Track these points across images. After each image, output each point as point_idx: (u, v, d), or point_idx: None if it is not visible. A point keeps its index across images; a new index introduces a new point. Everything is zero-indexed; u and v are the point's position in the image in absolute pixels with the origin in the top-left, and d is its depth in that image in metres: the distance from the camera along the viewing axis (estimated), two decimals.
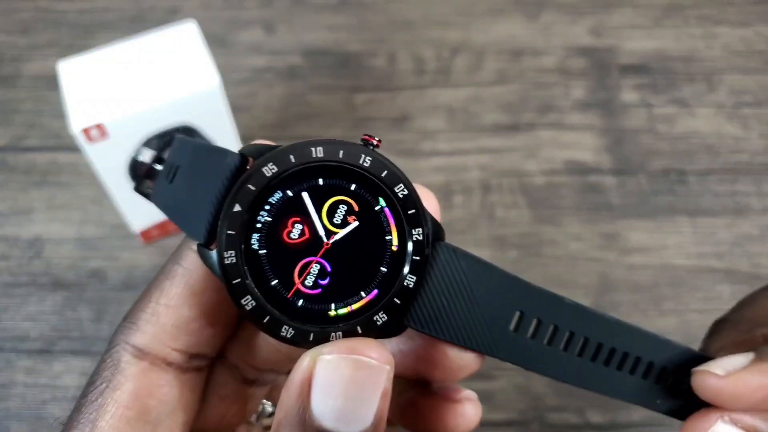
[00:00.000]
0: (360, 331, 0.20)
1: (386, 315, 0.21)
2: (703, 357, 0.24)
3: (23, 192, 0.52)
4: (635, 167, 0.51)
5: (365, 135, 0.21)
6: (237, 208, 0.20)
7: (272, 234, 0.20)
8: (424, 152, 0.53)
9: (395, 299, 0.21)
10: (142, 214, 0.47)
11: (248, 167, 0.21)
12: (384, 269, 0.21)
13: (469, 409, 0.24)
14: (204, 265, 0.21)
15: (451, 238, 0.22)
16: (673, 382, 0.24)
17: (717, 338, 0.25)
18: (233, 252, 0.20)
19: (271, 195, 0.21)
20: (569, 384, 0.23)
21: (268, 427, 0.27)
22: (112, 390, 0.21)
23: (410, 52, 0.59)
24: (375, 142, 0.21)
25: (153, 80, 0.42)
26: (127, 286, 0.47)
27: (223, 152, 0.21)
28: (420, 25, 0.61)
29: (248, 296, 0.20)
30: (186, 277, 0.22)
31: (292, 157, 0.20)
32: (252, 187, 0.20)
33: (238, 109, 0.47)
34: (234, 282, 0.20)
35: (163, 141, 0.44)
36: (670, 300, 0.45)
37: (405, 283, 0.21)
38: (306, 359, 0.19)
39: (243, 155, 0.21)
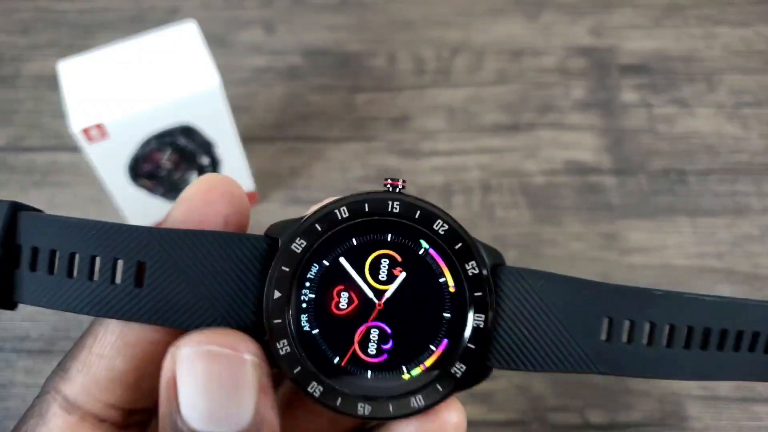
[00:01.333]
0: (441, 390, 0.19)
1: (464, 364, 0.19)
2: None
3: (23, 192, 0.52)
4: (635, 167, 0.51)
5: (387, 179, 0.20)
6: (277, 294, 0.19)
7: (320, 310, 0.19)
8: (424, 152, 0.53)
9: (469, 345, 0.19)
10: (142, 214, 0.47)
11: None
12: (447, 315, 0.19)
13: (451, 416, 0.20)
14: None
15: None
16: None
17: None
18: (285, 341, 0.19)
19: (308, 270, 0.19)
20: (688, 380, 0.21)
21: None
22: None
23: (410, 52, 0.59)
24: (400, 185, 0.20)
25: (153, 80, 0.42)
26: None
27: (237, 239, 0.19)
28: (420, 25, 0.61)
29: (313, 382, 0.19)
30: (121, 325, 0.20)
31: (317, 226, 0.19)
32: (286, 269, 0.19)
33: (238, 109, 0.47)
34: (295, 372, 0.19)
35: (163, 141, 0.44)
36: None
37: (474, 325, 0.19)
38: (168, 358, 0.17)
39: (269, 237, 0.20)
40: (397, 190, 0.20)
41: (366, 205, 0.20)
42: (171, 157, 0.45)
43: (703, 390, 0.42)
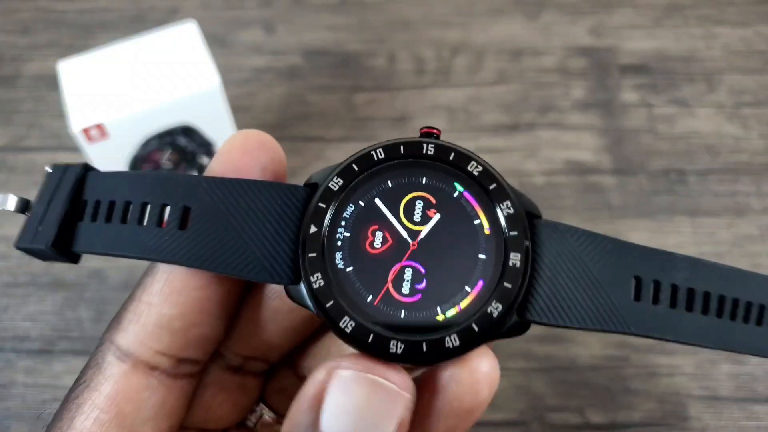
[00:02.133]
0: (477, 329, 0.18)
1: (501, 304, 0.18)
2: None
3: (23, 192, 0.52)
4: (635, 167, 0.51)
5: (425, 128, 0.21)
6: (313, 229, 0.19)
7: (355, 248, 0.19)
8: None
9: (505, 284, 0.19)
10: None
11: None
12: (483, 256, 0.19)
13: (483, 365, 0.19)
14: (291, 302, 0.19)
15: None
16: None
17: None
18: (319, 275, 0.19)
19: (344, 209, 0.20)
20: (704, 347, 0.21)
21: None
22: (91, 390, 0.20)
23: (410, 52, 0.59)
24: (436, 133, 0.21)
25: (153, 80, 0.42)
26: (127, 286, 0.47)
27: (278, 188, 0.20)
28: (420, 25, 0.61)
29: (345, 317, 0.18)
30: (167, 272, 0.21)
31: (354, 166, 0.20)
32: (323, 205, 0.19)
33: (238, 109, 0.47)
34: (327, 305, 0.19)
35: (163, 141, 0.44)
36: None
37: (510, 263, 0.19)
38: (321, 372, 0.18)
39: (310, 185, 0.20)
40: (434, 137, 0.21)
41: (402, 147, 0.20)
42: (171, 157, 0.45)
43: (703, 390, 0.42)
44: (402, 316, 0.19)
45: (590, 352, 0.43)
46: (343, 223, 0.20)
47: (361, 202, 0.20)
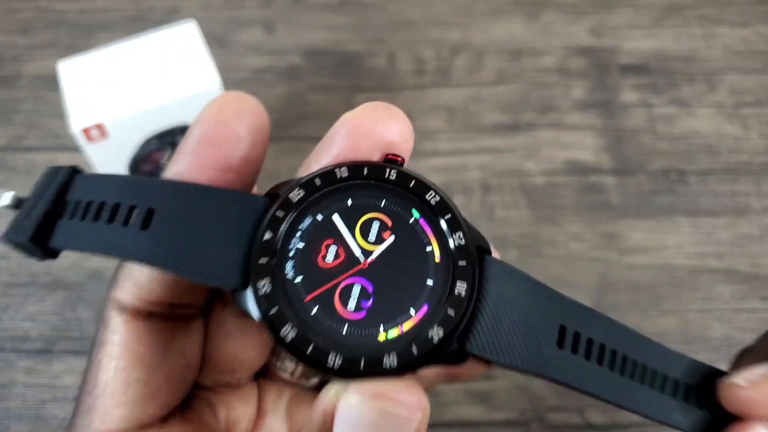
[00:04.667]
0: (416, 352, 0.19)
1: (442, 329, 0.19)
2: (724, 372, 0.24)
3: (23, 192, 0.52)
4: (635, 167, 0.51)
5: (389, 154, 0.21)
6: (268, 235, 0.19)
7: (307, 260, 0.20)
8: (424, 152, 0.53)
9: (449, 311, 0.19)
10: None
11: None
12: (430, 282, 0.20)
13: None
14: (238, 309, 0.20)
15: None
16: (697, 399, 0.23)
17: (741, 367, 0.25)
18: (267, 280, 0.19)
19: (301, 221, 0.20)
20: (608, 401, 0.22)
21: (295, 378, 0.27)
22: (104, 345, 0.22)
23: (410, 52, 0.59)
24: (400, 161, 0.21)
25: (153, 80, 0.42)
26: None
27: (238, 196, 0.20)
28: (420, 25, 0.61)
29: (287, 324, 0.19)
30: None
31: (317, 180, 0.20)
32: (281, 214, 0.20)
33: None
34: (271, 312, 0.19)
35: (163, 141, 0.44)
36: (669, 300, 0.45)
37: (455, 292, 0.19)
38: (330, 392, 0.18)
39: (271, 195, 0.20)
40: (396, 164, 0.21)
41: (365, 169, 0.20)
42: (171, 157, 0.45)
43: None
44: (344, 331, 0.19)
45: None
46: (298, 233, 0.20)
47: (319, 216, 0.20)
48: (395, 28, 0.61)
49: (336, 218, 0.20)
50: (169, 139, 0.44)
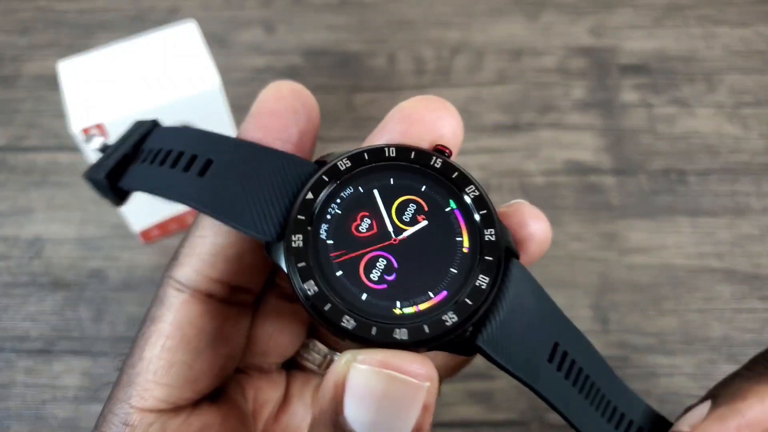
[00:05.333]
0: (427, 331, 0.19)
1: (456, 315, 0.19)
2: (670, 423, 0.26)
3: (23, 192, 0.52)
4: (635, 167, 0.51)
5: (439, 145, 0.22)
6: (309, 195, 0.20)
7: (341, 226, 0.20)
8: None
9: (467, 299, 0.19)
10: (142, 214, 0.47)
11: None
12: (454, 270, 0.20)
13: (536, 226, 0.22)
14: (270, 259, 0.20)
15: None
16: None
17: (726, 391, 0.26)
18: (301, 236, 0.20)
19: (343, 189, 0.21)
20: (570, 423, 0.23)
21: (322, 366, 0.27)
22: (156, 322, 0.22)
23: (410, 52, 0.59)
24: (448, 152, 0.22)
25: (153, 80, 0.42)
26: (127, 286, 0.47)
27: (289, 159, 0.21)
28: (420, 25, 0.61)
29: (311, 281, 0.19)
30: None
31: (366, 155, 0.21)
32: (326, 178, 0.20)
33: (238, 109, 0.47)
34: (299, 265, 0.19)
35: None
36: (669, 300, 0.45)
37: (477, 284, 0.20)
38: (341, 362, 0.19)
39: (319, 162, 0.21)
40: (445, 155, 0.22)
41: (413, 153, 0.21)
42: None
43: (703, 390, 0.41)
44: (363, 298, 0.20)
45: None
46: (338, 200, 0.21)
47: (360, 188, 0.21)
48: (395, 28, 0.61)
49: (376, 193, 0.21)
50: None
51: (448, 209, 0.21)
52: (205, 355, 0.22)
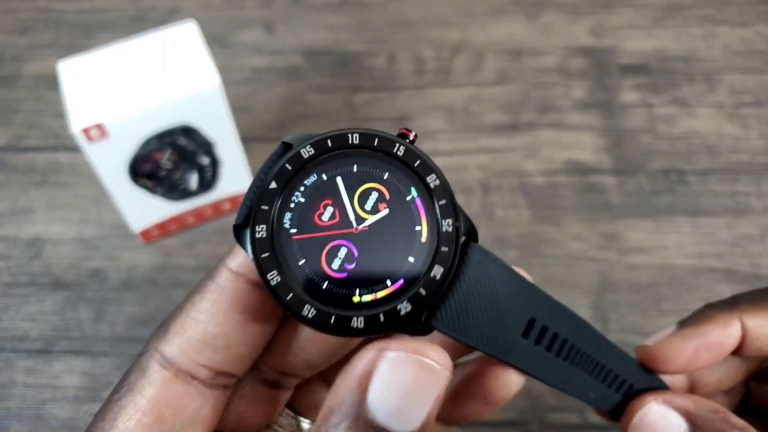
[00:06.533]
0: (383, 320, 0.20)
1: (410, 305, 0.20)
2: (663, 385, 0.27)
3: (23, 192, 0.52)
4: (635, 167, 0.51)
5: (403, 129, 0.22)
6: (273, 185, 0.20)
7: (304, 214, 0.21)
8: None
9: (421, 289, 0.20)
10: (142, 214, 0.47)
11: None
12: (411, 259, 0.21)
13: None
14: (234, 281, 0.21)
15: None
16: (633, 394, 0.26)
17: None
18: (264, 227, 0.20)
19: (307, 177, 0.21)
20: (563, 391, 0.24)
21: None
22: (134, 394, 0.22)
23: (410, 52, 0.59)
24: (411, 137, 0.22)
25: (153, 80, 0.42)
26: (127, 286, 0.47)
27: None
28: (420, 25, 0.61)
29: (274, 271, 0.20)
30: (216, 293, 0.22)
31: (329, 141, 0.21)
32: (289, 167, 0.21)
33: (238, 109, 0.47)
34: (263, 256, 0.20)
35: (163, 141, 0.44)
36: (669, 300, 0.45)
37: (431, 274, 0.20)
38: (370, 352, 0.20)
39: (286, 143, 0.21)
40: (408, 140, 0.22)
41: (376, 139, 0.21)
42: (171, 157, 0.45)
43: None
44: (323, 287, 0.20)
45: None
46: (302, 188, 0.21)
47: (324, 176, 0.21)
48: (395, 28, 0.61)
49: (339, 181, 0.21)
50: (169, 139, 0.44)
51: (409, 198, 0.21)
52: None
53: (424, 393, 0.19)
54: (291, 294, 0.20)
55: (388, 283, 0.20)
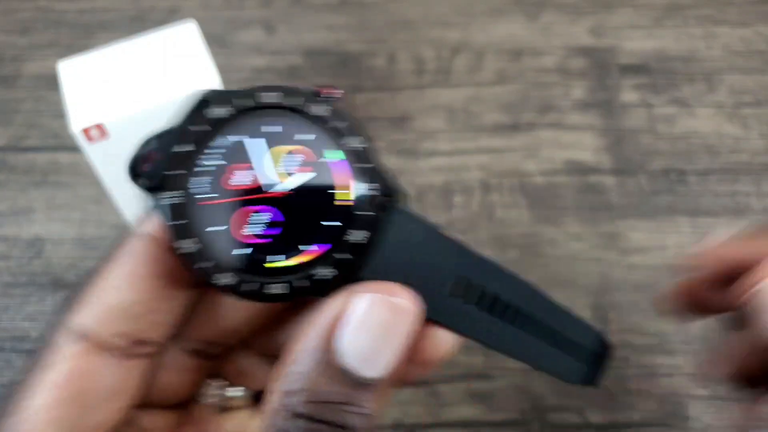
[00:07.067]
0: (305, 285, 0.20)
1: (334, 268, 0.20)
2: (609, 345, 0.27)
3: (23, 192, 0.52)
4: (635, 167, 0.51)
5: (328, 87, 0.21)
6: (189, 147, 0.20)
7: (220, 179, 0.20)
8: (424, 152, 0.53)
9: (345, 253, 0.20)
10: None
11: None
12: (335, 223, 0.20)
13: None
14: (146, 248, 0.20)
15: None
16: (587, 358, 0.26)
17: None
18: (178, 192, 0.19)
19: (225, 139, 0.20)
20: (497, 351, 0.23)
21: (226, 409, 0.26)
22: (47, 370, 0.21)
23: (410, 52, 0.59)
24: (338, 95, 0.21)
25: (153, 80, 0.42)
26: None
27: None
28: (420, 25, 0.61)
29: (188, 239, 0.19)
30: (130, 259, 0.21)
31: (252, 100, 0.20)
32: (206, 128, 0.20)
33: None
34: (176, 222, 0.19)
35: (163, 141, 0.44)
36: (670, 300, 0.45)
37: (354, 237, 0.20)
38: (341, 297, 0.19)
39: (204, 100, 0.20)
40: (333, 100, 0.21)
41: (302, 98, 0.20)
42: None
43: (703, 390, 0.42)
44: (240, 253, 0.19)
45: None
46: (220, 151, 0.20)
47: (243, 137, 0.20)
48: (395, 28, 0.61)
49: (258, 143, 0.20)
50: None
51: (333, 160, 0.20)
52: (99, 410, 0.21)
53: (395, 335, 0.19)
54: (206, 262, 0.19)
55: (308, 248, 0.20)
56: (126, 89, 0.42)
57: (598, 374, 0.27)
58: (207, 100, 0.20)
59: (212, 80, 0.42)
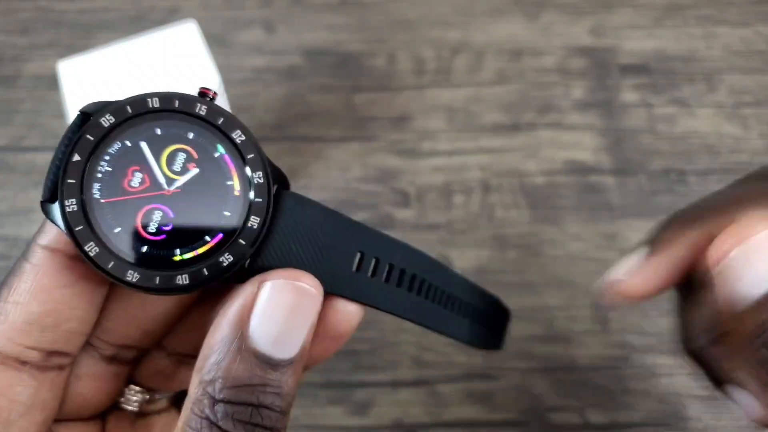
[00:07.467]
0: (206, 273, 0.21)
1: (232, 256, 0.21)
2: (506, 310, 0.30)
3: (23, 192, 0.52)
4: (635, 167, 0.51)
5: (202, 88, 0.22)
6: (76, 157, 0.21)
7: (114, 183, 0.21)
8: (424, 152, 0.53)
9: (240, 240, 0.21)
10: None
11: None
12: (227, 213, 0.21)
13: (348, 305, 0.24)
14: (51, 262, 0.21)
15: (451, 238, 0.21)
16: (486, 321, 0.28)
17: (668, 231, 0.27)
18: (74, 200, 0.20)
19: (111, 146, 0.21)
20: (406, 320, 0.25)
21: (147, 413, 0.27)
22: None
23: (410, 52, 0.59)
24: (211, 95, 0.22)
25: (153, 80, 0.42)
26: None
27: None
28: (420, 25, 0.61)
29: (91, 242, 0.20)
30: (34, 273, 0.21)
31: (129, 108, 0.21)
32: (90, 137, 0.21)
33: (238, 109, 0.47)
34: (77, 229, 0.20)
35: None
36: (669, 300, 0.45)
37: (248, 224, 0.21)
38: (250, 285, 0.20)
39: (84, 113, 0.21)
40: (208, 98, 0.22)
41: (177, 101, 0.22)
42: None
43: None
44: (143, 251, 0.21)
45: (590, 352, 0.43)
46: (107, 158, 0.21)
47: (127, 142, 0.21)
48: (395, 28, 0.61)
49: (144, 146, 0.21)
50: None
51: (217, 155, 0.22)
52: (16, 426, 0.21)
53: (302, 317, 0.20)
54: (112, 262, 0.20)
55: (207, 238, 0.21)
56: (126, 89, 0.42)
57: (500, 338, 0.29)
58: (88, 112, 0.21)
59: (212, 80, 0.42)
